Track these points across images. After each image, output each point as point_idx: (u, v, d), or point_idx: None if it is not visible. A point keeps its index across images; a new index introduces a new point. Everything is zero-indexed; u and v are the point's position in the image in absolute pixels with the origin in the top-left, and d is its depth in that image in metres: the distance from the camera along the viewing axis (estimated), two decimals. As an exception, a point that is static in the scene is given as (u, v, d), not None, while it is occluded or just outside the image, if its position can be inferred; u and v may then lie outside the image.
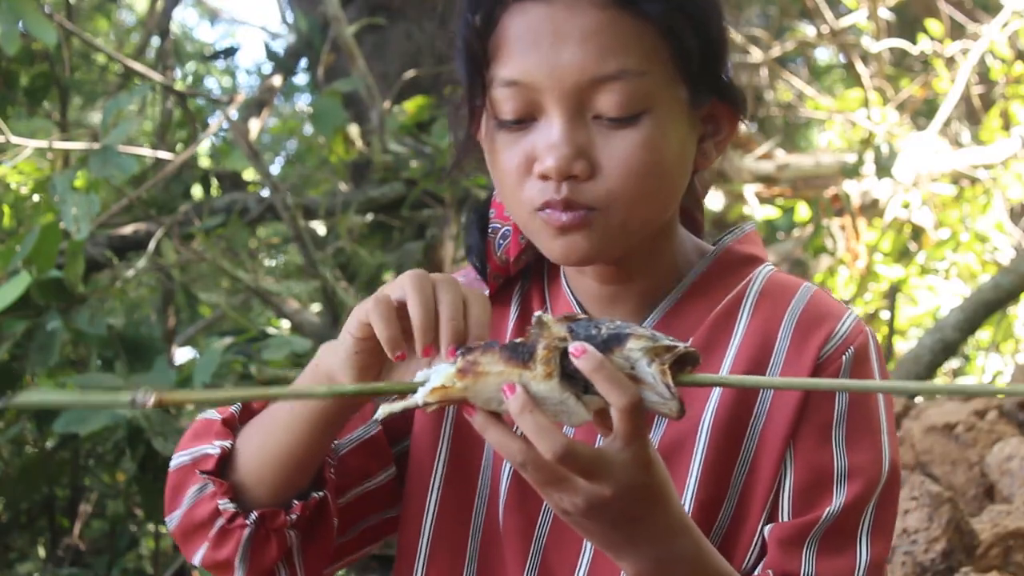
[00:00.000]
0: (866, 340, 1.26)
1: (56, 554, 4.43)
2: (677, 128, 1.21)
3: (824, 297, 1.30)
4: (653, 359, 1.03)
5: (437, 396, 1.04)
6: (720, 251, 1.32)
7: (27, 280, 3.56)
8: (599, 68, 1.16)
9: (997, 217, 6.10)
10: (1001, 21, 6.06)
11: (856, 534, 1.22)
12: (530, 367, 1.03)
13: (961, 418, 3.17)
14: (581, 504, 1.06)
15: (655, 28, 1.18)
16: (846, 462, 1.22)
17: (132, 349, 3.92)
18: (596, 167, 1.18)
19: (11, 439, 4.06)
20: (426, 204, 5.03)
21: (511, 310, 1.37)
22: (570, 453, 1.02)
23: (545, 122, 1.19)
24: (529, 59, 1.18)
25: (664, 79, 1.19)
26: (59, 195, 3.73)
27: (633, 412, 1.03)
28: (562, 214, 1.19)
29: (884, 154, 5.79)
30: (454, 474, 1.32)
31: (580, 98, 1.17)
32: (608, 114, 1.17)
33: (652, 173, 1.19)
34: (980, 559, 2.43)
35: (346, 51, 5.09)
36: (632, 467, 1.05)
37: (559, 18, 1.17)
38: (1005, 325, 5.98)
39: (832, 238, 6.40)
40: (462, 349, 1.05)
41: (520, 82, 1.18)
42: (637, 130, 1.18)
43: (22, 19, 3.63)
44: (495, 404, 1.04)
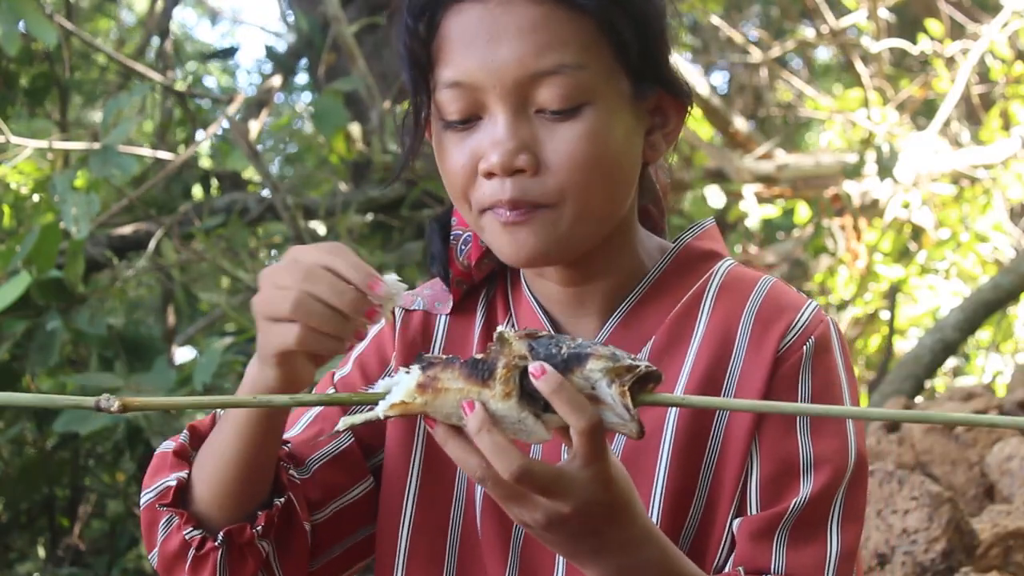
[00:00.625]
0: (827, 330, 1.25)
1: (56, 554, 4.43)
2: (621, 120, 1.21)
3: (783, 289, 1.29)
4: (613, 380, 1.03)
5: (398, 410, 1.05)
6: (679, 248, 1.32)
7: (27, 280, 3.56)
8: (537, 63, 1.17)
9: (997, 217, 6.10)
10: (1001, 21, 6.06)
11: (826, 523, 1.21)
12: (489, 385, 1.04)
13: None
14: (541, 519, 1.07)
15: (592, 21, 1.18)
16: (812, 451, 1.22)
17: (132, 349, 3.93)
18: (541, 161, 1.19)
19: (11, 439, 4.06)
20: (426, 204, 5.03)
21: (476, 318, 1.36)
22: (527, 473, 1.03)
23: (489, 120, 1.19)
24: (468, 59, 1.18)
25: (604, 72, 1.20)
26: (59, 195, 3.73)
27: (592, 434, 1.03)
28: (508, 211, 1.19)
29: (884, 154, 5.79)
30: (428, 480, 1.32)
31: (521, 94, 1.18)
32: (549, 107, 1.18)
33: (598, 164, 1.19)
34: (980, 559, 2.43)
35: (346, 51, 5.09)
36: (592, 485, 1.06)
37: (495, 16, 1.18)
38: (1005, 325, 5.98)
39: (832, 238, 6.40)
40: (423, 363, 1.05)
41: (462, 82, 1.19)
42: (579, 122, 1.18)
43: (22, 19, 3.64)
44: (455, 419, 1.05)
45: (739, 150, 6.47)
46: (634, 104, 1.23)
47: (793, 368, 1.23)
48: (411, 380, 1.05)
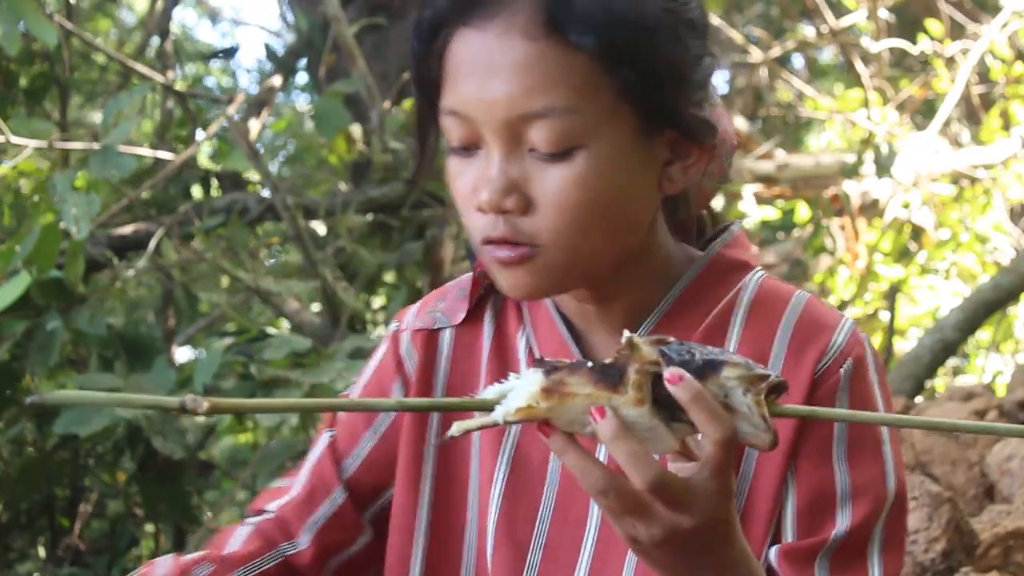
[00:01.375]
0: (863, 351, 1.23)
1: (56, 554, 4.42)
2: (622, 161, 1.15)
3: (818, 306, 1.26)
4: (748, 389, 1.00)
5: (522, 415, 1.00)
6: (707, 259, 1.28)
7: (27, 280, 3.56)
8: (526, 105, 1.12)
9: (997, 217, 6.10)
10: (1001, 21, 6.06)
11: (867, 552, 1.19)
12: (620, 391, 0.99)
13: (961, 418, 3.17)
14: (658, 535, 1.02)
15: (590, 61, 1.12)
16: (849, 480, 1.20)
17: (132, 349, 3.92)
18: (531, 202, 1.15)
19: (11, 439, 4.06)
20: (426, 204, 5.03)
21: (484, 327, 1.33)
22: (663, 483, 1.00)
23: (485, 153, 1.16)
24: (465, 90, 1.15)
25: (601, 113, 1.13)
26: (59, 195, 3.73)
27: (728, 444, 1.00)
28: (501, 250, 1.16)
29: (884, 154, 5.79)
30: (439, 512, 1.30)
31: (513, 132, 1.14)
32: (540, 149, 1.14)
33: (588, 211, 1.14)
34: (980, 559, 2.43)
35: (346, 51, 5.09)
36: (717, 498, 1.02)
37: (491, 49, 1.13)
38: (1005, 325, 5.98)
39: (832, 238, 6.39)
40: (547, 367, 1.00)
41: (458, 112, 1.16)
42: (570, 166, 1.13)
43: (23, 19, 3.63)
44: (578, 427, 1.00)
45: (739, 150, 6.47)
46: (643, 141, 1.17)
47: (830, 391, 1.21)
48: (533, 384, 1.00)
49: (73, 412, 3.57)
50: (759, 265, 1.32)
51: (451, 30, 1.16)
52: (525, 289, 1.19)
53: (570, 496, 1.26)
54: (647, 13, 1.13)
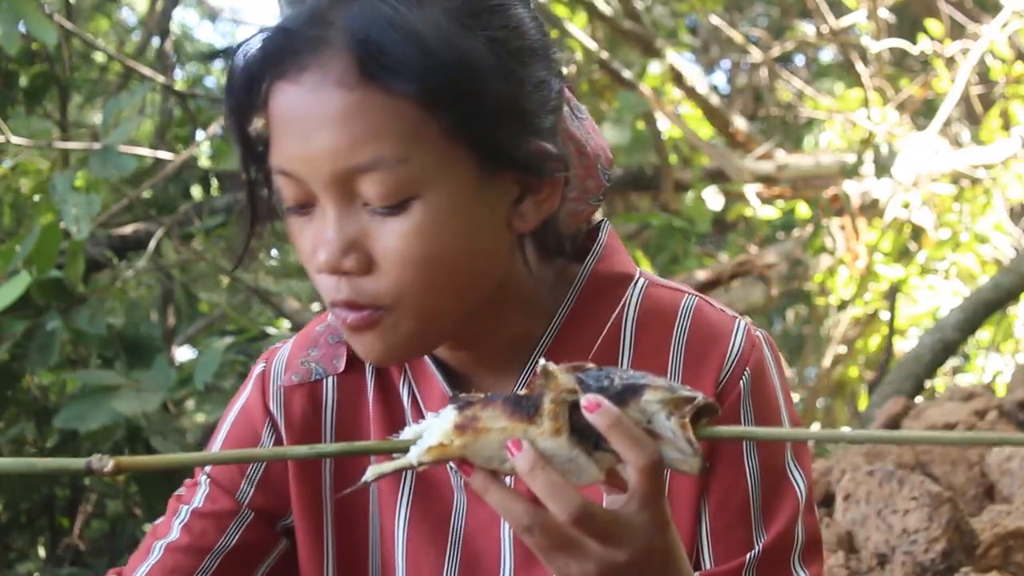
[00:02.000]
0: (761, 354, 1.19)
1: (56, 554, 4.43)
2: (463, 207, 1.07)
3: (707, 311, 1.21)
4: (672, 412, 0.95)
5: (434, 455, 0.96)
6: (584, 279, 1.21)
7: (27, 280, 3.56)
8: (351, 159, 1.04)
9: (997, 217, 6.11)
10: (1001, 21, 6.06)
11: (790, 558, 1.17)
12: (536, 422, 0.95)
13: (961, 418, 3.17)
14: (592, 571, 0.97)
15: (412, 107, 1.04)
16: (762, 497, 1.17)
17: (132, 349, 3.92)
18: (372, 260, 1.07)
19: (11, 439, 4.06)
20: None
21: (366, 374, 1.26)
22: (587, 514, 0.95)
23: (320, 211, 1.08)
24: (288, 147, 1.07)
25: (433, 159, 1.05)
26: (59, 195, 3.73)
27: (653, 471, 0.95)
28: (348, 313, 1.09)
29: (884, 154, 5.79)
30: (344, 544, 1.25)
31: (343, 187, 1.05)
32: (373, 203, 1.06)
33: (431, 265, 1.07)
34: (980, 559, 2.43)
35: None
36: (649, 529, 0.98)
37: (308, 102, 1.05)
38: (1005, 325, 5.98)
39: (832, 238, 6.40)
40: (460, 402, 0.96)
41: (285, 170, 1.08)
42: (407, 218, 1.05)
43: (23, 19, 3.63)
44: (496, 463, 0.96)
45: (739, 150, 6.47)
46: (484, 183, 1.08)
47: (734, 405, 1.17)
48: (446, 422, 0.96)
49: (73, 408, 3.57)
50: (637, 272, 1.24)
51: (268, 84, 1.08)
52: (378, 355, 1.11)
53: (481, 520, 1.21)
54: (468, 50, 1.05)
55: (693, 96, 6.46)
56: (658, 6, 7.18)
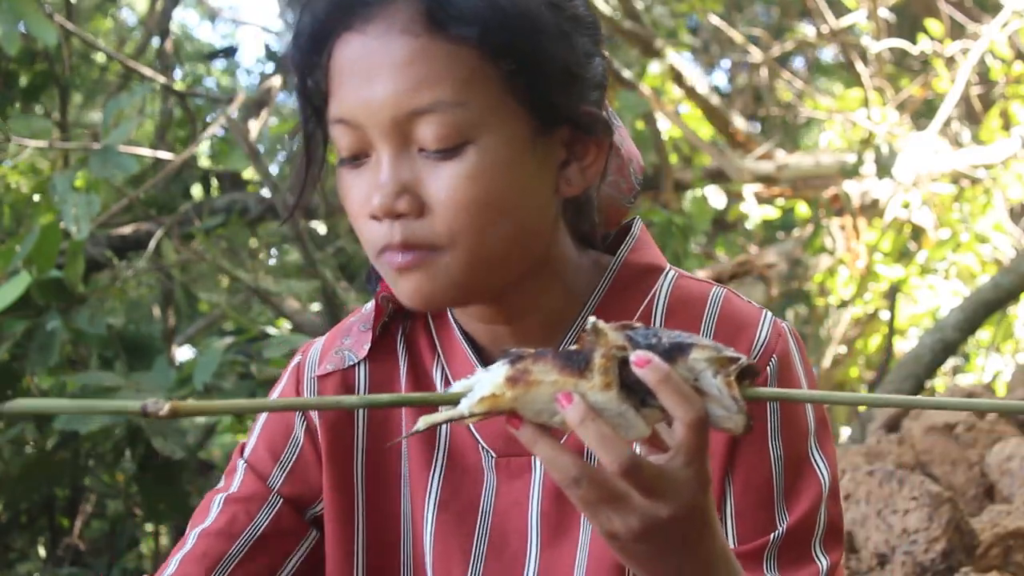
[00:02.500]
0: (786, 344, 1.21)
1: (56, 554, 4.43)
2: (515, 157, 1.12)
3: (735, 302, 1.24)
4: (718, 371, 0.97)
5: (486, 406, 0.97)
6: (617, 267, 1.25)
7: (27, 280, 3.56)
8: (412, 101, 1.09)
9: (997, 217, 6.11)
10: (1001, 21, 6.06)
11: (811, 544, 1.18)
12: (587, 376, 0.96)
13: (961, 418, 3.17)
14: (636, 526, 0.98)
15: (475, 54, 1.09)
16: (785, 477, 1.19)
17: (132, 349, 3.93)
18: (425, 203, 1.11)
19: (11, 439, 4.06)
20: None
21: (399, 360, 1.29)
22: (636, 466, 0.95)
23: (375, 159, 1.12)
24: (350, 96, 1.12)
25: (490, 107, 1.11)
26: (59, 195, 3.73)
27: (700, 427, 0.96)
28: (400, 255, 1.12)
29: (884, 154, 5.79)
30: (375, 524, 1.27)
31: (400, 132, 1.10)
32: (429, 147, 1.10)
33: (485, 206, 1.11)
34: (980, 559, 2.43)
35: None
36: (693, 485, 0.98)
37: (372, 49, 1.10)
38: (1005, 325, 5.98)
39: (832, 238, 6.40)
40: (511, 356, 0.97)
41: (346, 119, 1.12)
42: (462, 162, 1.10)
43: (23, 19, 3.64)
44: (546, 416, 0.97)
45: (739, 150, 6.47)
46: (536, 139, 1.13)
47: None
48: (498, 374, 0.97)
49: (73, 412, 3.56)
50: (667, 265, 1.28)
51: (333, 38, 1.13)
52: (422, 296, 1.14)
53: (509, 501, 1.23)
54: (530, 7, 1.12)
55: (693, 96, 6.46)
56: (658, 6, 7.18)
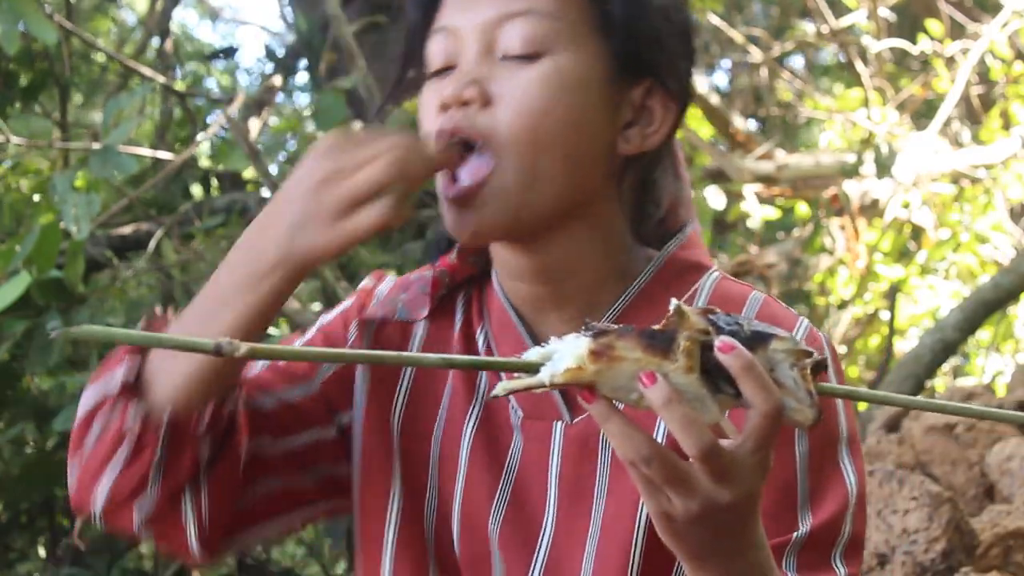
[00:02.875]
0: (821, 349, 1.20)
1: (56, 554, 4.43)
2: (585, 86, 1.20)
3: (774, 306, 1.26)
4: (794, 363, 0.98)
5: (569, 377, 0.96)
6: (664, 258, 1.28)
7: (27, 280, 3.56)
8: (509, 5, 1.19)
9: (997, 217, 6.11)
10: (1001, 21, 6.06)
11: (832, 552, 1.19)
12: (671, 357, 0.96)
13: (961, 418, 3.17)
14: (695, 509, 0.99)
15: None
16: (810, 481, 1.19)
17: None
18: (492, 97, 1.18)
19: (11, 439, 4.06)
20: (426, 204, 5.02)
21: (455, 321, 1.32)
22: (716, 450, 0.97)
23: (460, 64, 1.21)
24: (453, 4, 1.22)
25: (577, 31, 1.20)
26: (59, 195, 3.73)
27: (776, 417, 0.97)
28: (450, 188, 1.18)
29: (884, 154, 5.79)
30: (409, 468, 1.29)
31: (489, 36, 1.19)
32: (510, 51, 1.19)
33: (544, 115, 1.17)
34: (980, 559, 2.43)
35: (346, 50, 5.09)
36: (757, 472, 1.00)
37: None
38: (1005, 325, 5.98)
39: (832, 238, 6.40)
40: (595, 330, 0.98)
41: (445, 27, 1.22)
42: (535, 68, 1.18)
43: (22, 19, 3.63)
44: (624, 393, 0.98)
45: (739, 150, 6.47)
46: (610, 84, 1.21)
47: None
48: (580, 347, 0.97)
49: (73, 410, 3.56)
50: (714, 266, 1.31)
51: None
52: (474, 226, 1.19)
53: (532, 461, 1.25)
54: None
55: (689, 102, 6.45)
56: (658, 6, 7.17)
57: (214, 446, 1.20)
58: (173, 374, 1.17)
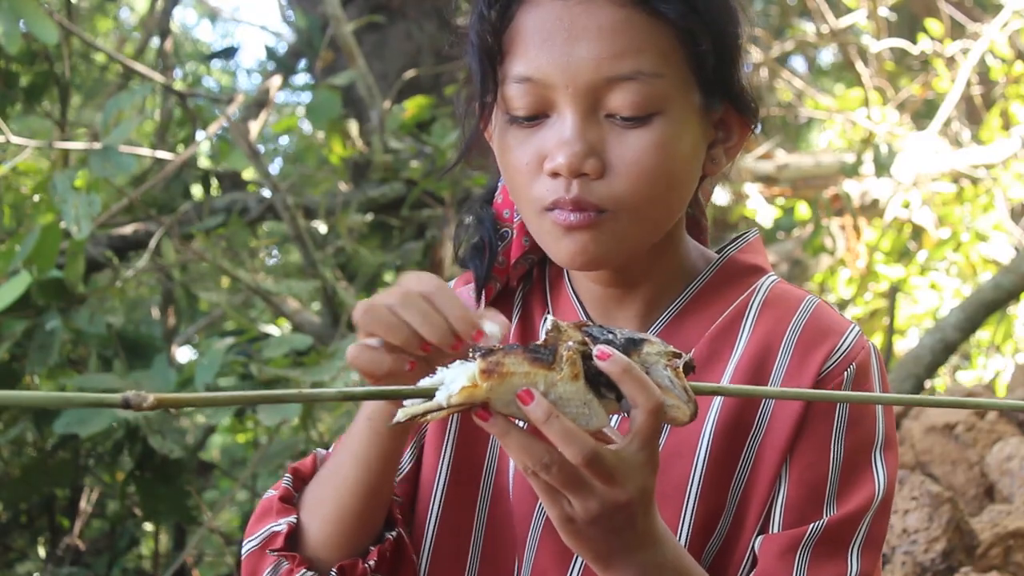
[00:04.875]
0: (868, 356, 1.25)
1: (56, 554, 4.43)
2: (689, 132, 1.20)
3: (827, 311, 1.29)
4: (667, 364, 1.04)
5: (464, 396, 1.02)
6: (724, 260, 1.32)
7: (27, 280, 3.56)
8: (614, 68, 1.16)
9: (997, 217, 6.10)
10: (1001, 21, 6.06)
11: (848, 547, 1.21)
12: (556, 368, 1.02)
13: (961, 418, 3.17)
14: (595, 509, 1.05)
15: (671, 30, 1.17)
16: (840, 475, 1.22)
17: (132, 349, 3.93)
18: (607, 166, 1.17)
19: (11, 440, 4.06)
20: (426, 204, 5.02)
21: (513, 316, 1.36)
22: (598, 456, 1.02)
23: (558, 119, 1.18)
24: (543, 55, 1.17)
25: (678, 82, 1.18)
26: (59, 195, 3.73)
27: (657, 414, 1.03)
28: (571, 214, 1.18)
29: (884, 154, 5.79)
30: (458, 468, 1.32)
31: (593, 96, 1.16)
32: (621, 113, 1.17)
33: (663, 175, 1.18)
34: (980, 559, 2.43)
35: (346, 50, 5.09)
36: (646, 469, 1.05)
37: (575, 14, 1.16)
38: (1005, 325, 5.98)
39: (832, 238, 6.39)
40: (482, 351, 1.03)
41: (533, 78, 1.18)
42: (649, 131, 1.17)
43: (23, 18, 3.63)
44: (514, 408, 1.03)
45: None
46: (702, 117, 1.22)
47: None
48: (471, 367, 1.03)
49: (73, 412, 3.57)
50: (771, 271, 1.34)
51: (519, 1, 1.19)
52: (586, 256, 1.20)
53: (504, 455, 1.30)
54: None
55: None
56: (658, 6, 7.17)
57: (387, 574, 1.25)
58: (326, 516, 1.22)
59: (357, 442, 1.20)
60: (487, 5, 1.20)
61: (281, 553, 1.21)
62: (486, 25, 1.20)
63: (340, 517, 1.21)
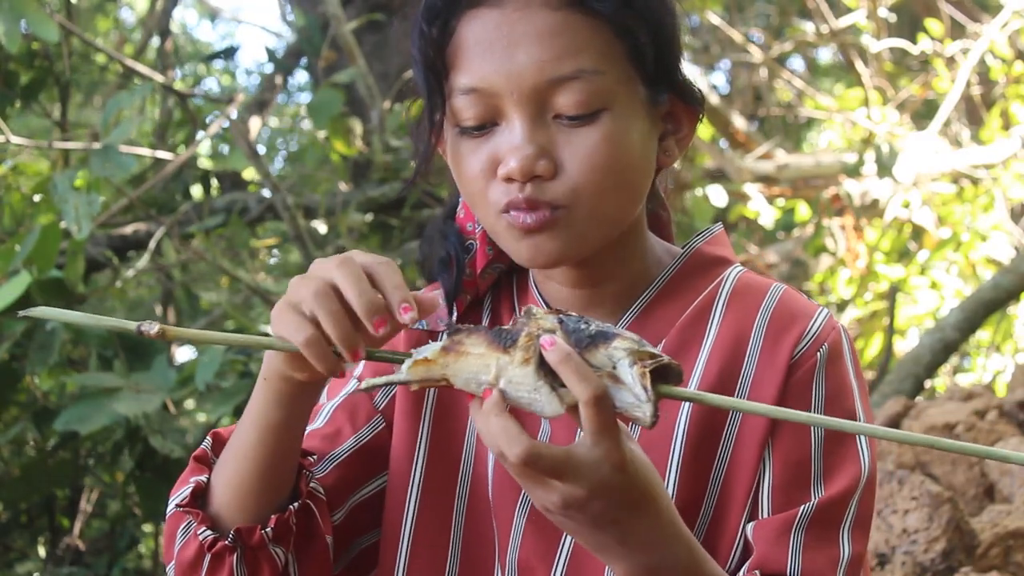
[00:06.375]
0: (839, 337, 1.27)
1: (56, 554, 4.43)
2: (637, 125, 1.22)
3: (795, 296, 1.31)
4: (635, 361, 1.03)
5: (420, 368, 1.05)
6: (689, 253, 1.33)
7: (27, 280, 3.56)
8: (556, 69, 1.18)
9: (998, 217, 6.10)
10: (1001, 21, 6.06)
11: (839, 527, 1.22)
12: (509, 352, 1.04)
13: (961, 418, 3.17)
14: (558, 502, 1.06)
15: (608, 26, 1.19)
16: (823, 457, 1.23)
17: (132, 348, 3.92)
18: (559, 166, 1.19)
19: (11, 439, 4.06)
20: (426, 204, 5.03)
21: (482, 319, 1.36)
22: (535, 455, 1.03)
23: (507, 126, 1.20)
24: (487, 65, 1.19)
25: (620, 77, 1.20)
26: (59, 195, 3.73)
27: (598, 404, 1.02)
28: (527, 215, 1.19)
29: (884, 154, 5.79)
30: (435, 459, 1.32)
31: (539, 100, 1.19)
32: (567, 113, 1.19)
33: (614, 168, 1.20)
34: (980, 559, 2.43)
35: (346, 50, 5.09)
36: (604, 465, 1.04)
37: (513, 22, 1.18)
38: (1005, 325, 5.98)
39: (832, 238, 6.39)
40: (451, 329, 1.06)
41: (479, 88, 1.19)
42: (597, 127, 1.19)
43: (24, 18, 3.64)
44: (473, 386, 1.05)
45: (739, 150, 6.47)
46: (649, 110, 1.24)
47: (807, 375, 1.25)
48: (437, 344, 1.06)
49: (73, 411, 3.57)
50: (738, 261, 1.35)
51: (458, 15, 1.21)
52: (546, 255, 1.22)
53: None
54: None
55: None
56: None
57: (297, 549, 1.24)
58: (231, 481, 1.22)
59: (253, 403, 1.20)
60: (427, 22, 1.21)
61: (186, 509, 1.22)
62: (428, 41, 1.21)
63: (240, 481, 1.21)
